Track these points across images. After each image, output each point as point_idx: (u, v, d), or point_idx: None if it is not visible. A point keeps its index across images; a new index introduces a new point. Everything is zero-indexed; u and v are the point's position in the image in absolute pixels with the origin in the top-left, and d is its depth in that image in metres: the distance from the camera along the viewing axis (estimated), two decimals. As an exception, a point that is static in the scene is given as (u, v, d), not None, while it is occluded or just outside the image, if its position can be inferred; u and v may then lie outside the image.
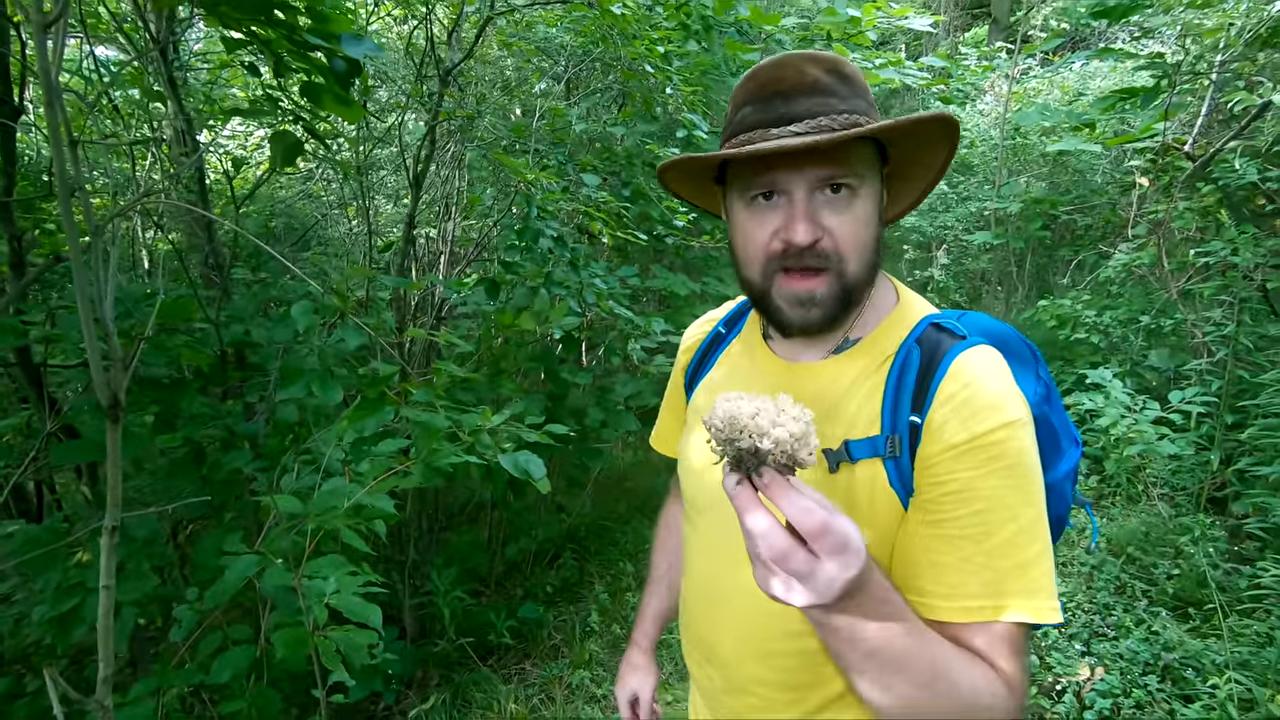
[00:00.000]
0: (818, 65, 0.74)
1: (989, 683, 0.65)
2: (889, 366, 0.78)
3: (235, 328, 2.18)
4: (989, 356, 0.75)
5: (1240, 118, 2.87)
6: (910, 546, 0.73)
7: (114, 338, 0.96)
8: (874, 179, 0.76)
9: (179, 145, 2.82)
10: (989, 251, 5.71)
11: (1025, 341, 0.85)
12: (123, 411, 0.95)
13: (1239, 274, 3.13)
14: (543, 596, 3.31)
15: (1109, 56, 4.66)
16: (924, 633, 0.64)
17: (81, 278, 0.90)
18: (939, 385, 0.73)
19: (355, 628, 1.10)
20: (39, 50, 0.82)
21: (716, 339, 0.99)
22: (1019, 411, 0.71)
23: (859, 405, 0.77)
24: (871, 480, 0.74)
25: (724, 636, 0.89)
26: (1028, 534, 0.69)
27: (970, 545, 0.69)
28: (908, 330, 0.79)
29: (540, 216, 2.08)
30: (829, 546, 0.54)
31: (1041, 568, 0.69)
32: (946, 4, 10.47)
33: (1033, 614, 0.67)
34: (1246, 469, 2.91)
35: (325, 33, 1.37)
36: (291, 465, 1.74)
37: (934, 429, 0.72)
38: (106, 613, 1.00)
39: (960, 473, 0.70)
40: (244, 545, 1.57)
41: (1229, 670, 2.17)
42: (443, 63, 2.71)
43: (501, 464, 1.20)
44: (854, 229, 0.73)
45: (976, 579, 0.68)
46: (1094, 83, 5.98)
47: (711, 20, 3.27)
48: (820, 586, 0.54)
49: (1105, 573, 2.88)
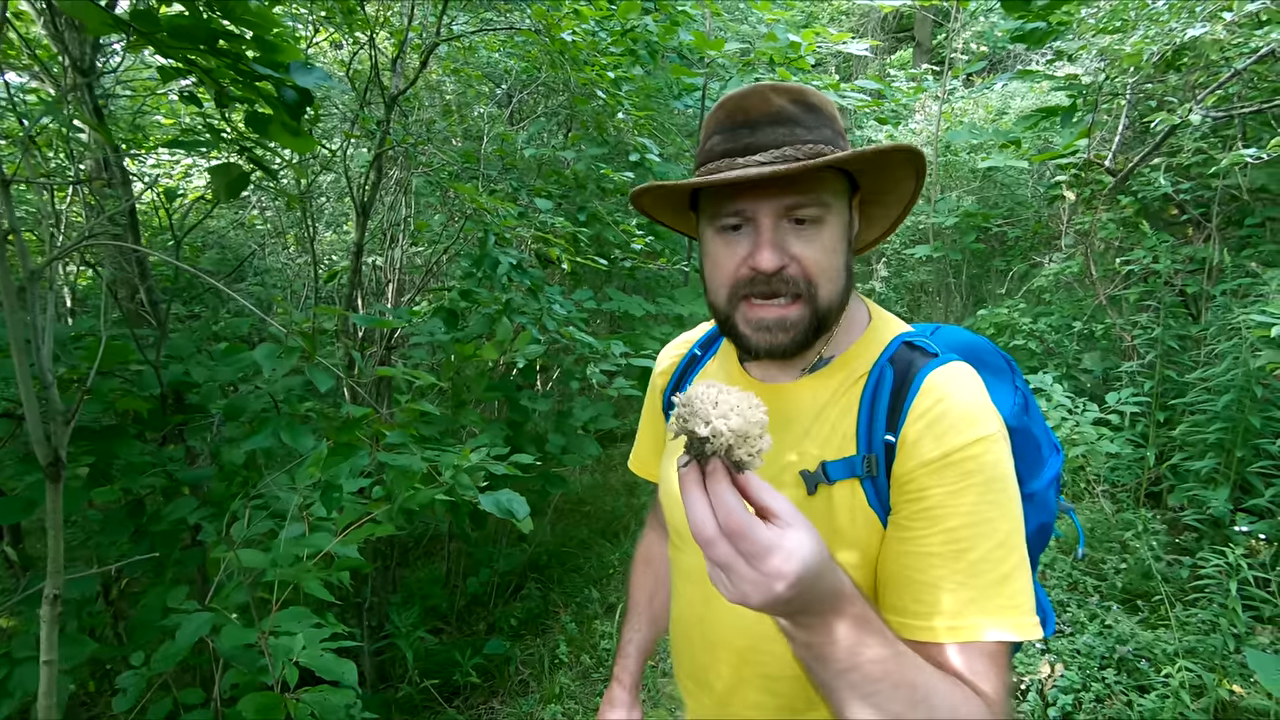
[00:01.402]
0: (784, 95, 0.75)
1: (969, 706, 0.64)
2: (862, 386, 0.78)
3: (174, 368, 2.06)
4: (961, 372, 0.76)
5: (1156, 135, 3.08)
6: (888, 565, 0.73)
7: (54, 390, 0.89)
8: (841, 207, 0.77)
9: (102, 175, 2.67)
10: (927, 264, 5.93)
11: (1000, 353, 0.86)
12: (63, 469, 0.88)
13: (1160, 280, 3.33)
14: (508, 630, 3.22)
15: (1028, 78, 4.94)
16: (902, 654, 0.62)
17: (16, 326, 0.83)
18: (912, 402, 0.73)
19: (329, 687, 1.04)
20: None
21: (692, 361, 0.99)
22: (992, 426, 0.71)
23: (833, 425, 0.78)
24: (850, 501, 0.75)
25: (717, 663, 0.88)
26: (1005, 548, 0.68)
27: (947, 562, 0.68)
28: (880, 349, 0.80)
29: (497, 244, 2.04)
30: (748, 550, 0.53)
31: (1019, 582, 0.68)
32: (873, 29, 10.94)
33: (1013, 630, 0.66)
34: (1179, 464, 3.07)
35: (273, 62, 1.32)
36: (242, 512, 1.64)
37: (907, 446, 0.72)
38: (49, 691, 0.92)
39: (934, 489, 0.70)
40: (192, 602, 1.47)
41: (1179, 659, 2.26)
42: (387, 90, 2.65)
43: (484, 505, 1.15)
44: (820, 256, 0.74)
45: (954, 597, 0.67)
46: (1015, 102, 6.32)
47: (656, 45, 3.32)
48: (745, 588, 0.54)
49: (1057, 570, 2.99)
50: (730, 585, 0.55)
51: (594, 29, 2.98)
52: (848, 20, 10.53)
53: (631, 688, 1.16)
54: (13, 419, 1.72)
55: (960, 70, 6.19)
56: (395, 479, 1.17)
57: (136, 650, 1.50)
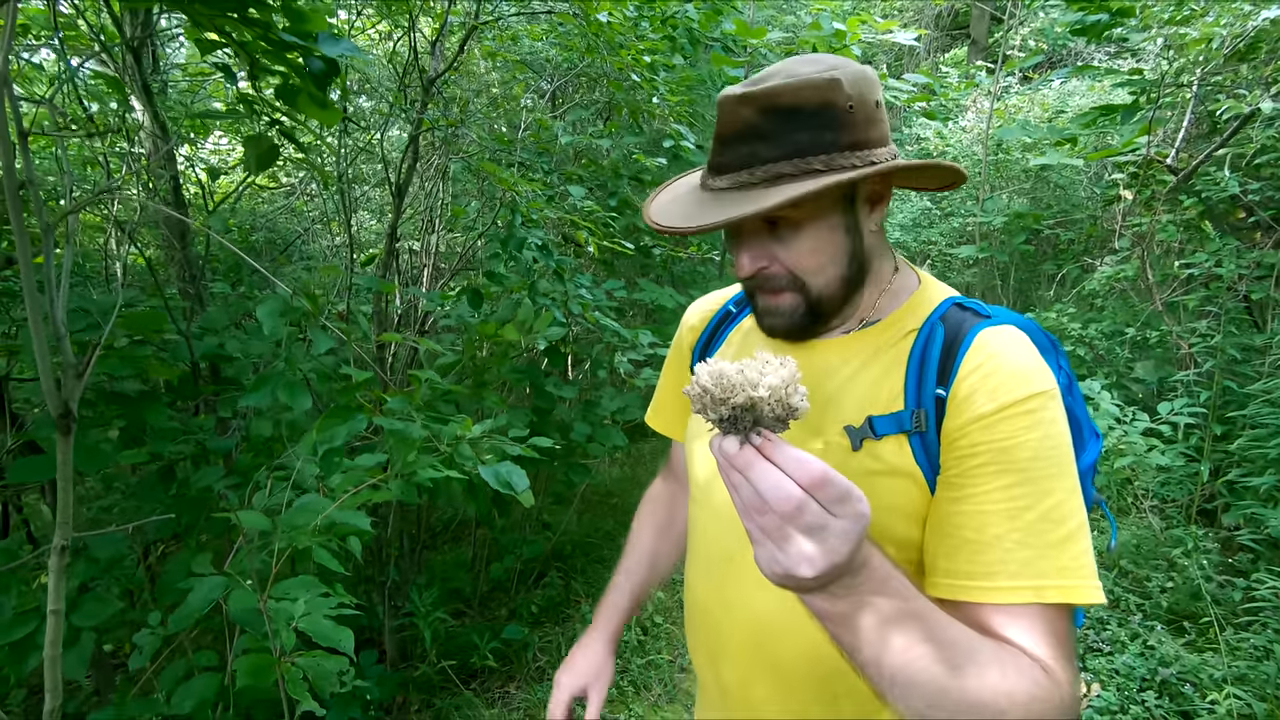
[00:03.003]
0: (750, 105, 0.71)
1: (1026, 671, 0.60)
2: (911, 342, 0.76)
3: (209, 340, 2.11)
4: (1014, 333, 0.74)
5: (1224, 129, 2.90)
6: (940, 525, 0.70)
7: (66, 342, 0.90)
8: (828, 204, 0.74)
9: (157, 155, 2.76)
10: (973, 266, 5.74)
11: (1044, 332, 0.82)
12: (74, 422, 0.89)
13: (1223, 285, 3.15)
14: (527, 617, 3.23)
15: (1087, 74, 4.73)
16: (937, 615, 0.60)
17: (29, 278, 0.84)
18: (964, 357, 0.71)
19: (325, 653, 1.03)
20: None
21: (726, 317, 0.98)
22: (1048, 383, 0.69)
23: (877, 381, 0.75)
24: (897, 457, 0.72)
25: (729, 656, 0.86)
26: (1064, 508, 0.65)
27: (1004, 521, 0.65)
28: (930, 309, 0.78)
29: (525, 224, 2.03)
30: (831, 496, 0.52)
31: (1081, 544, 0.65)
32: (926, 24, 10.66)
33: (1075, 594, 0.63)
34: (1236, 480, 2.90)
35: (301, 32, 1.33)
36: (265, 482, 1.66)
37: (960, 401, 0.69)
38: (54, 640, 0.93)
39: (990, 444, 0.67)
40: (213, 567, 1.49)
41: (1227, 685, 2.13)
42: (426, 73, 2.67)
43: (482, 475, 1.14)
44: (801, 255, 0.75)
45: (1013, 557, 0.64)
46: (1073, 100, 6.07)
47: (697, 34, 3.27)
48: (835, 542, 0.52)
49: (1098, 586, 2.86)
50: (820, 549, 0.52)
51: (635, 15, 2.95)
52: (901, 16, 10.27)
53: (610, 642, 1.05)
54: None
55: (1015, 64, 5.97)
56: (394, 445, 1.16)
57: (157, 611, 1.54)
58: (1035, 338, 0.81)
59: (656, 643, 2.99)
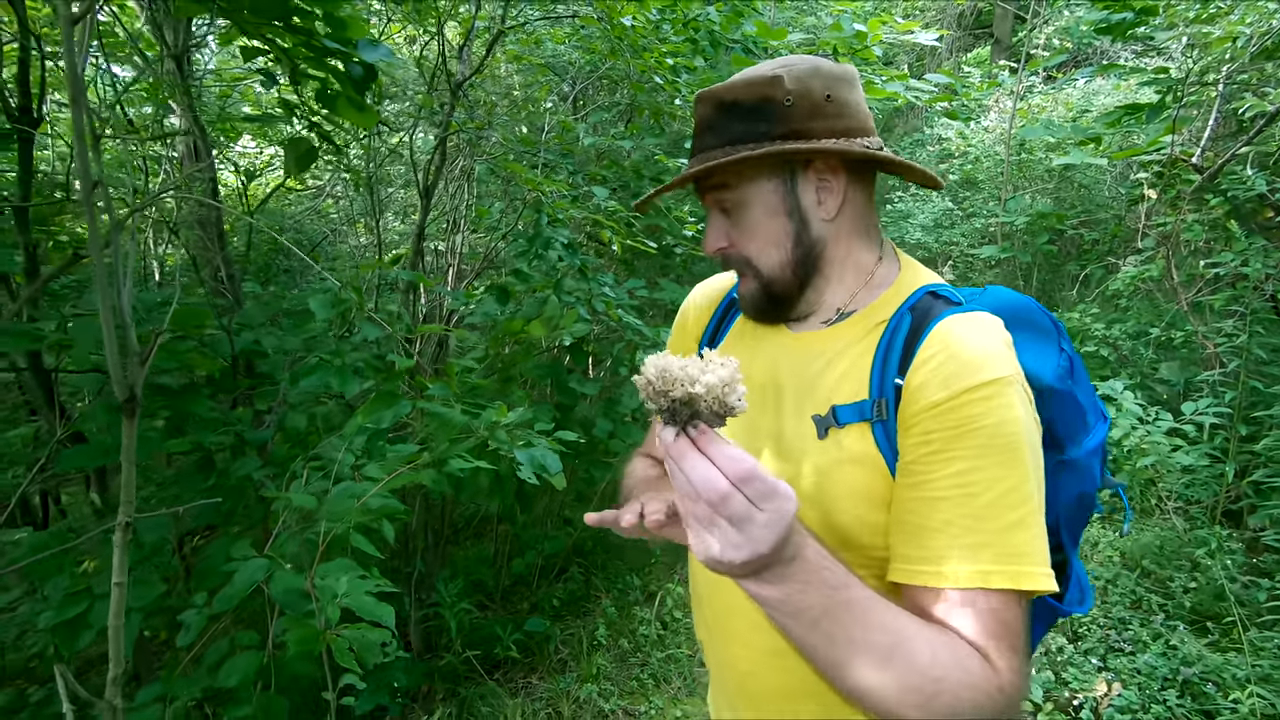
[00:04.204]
0: (708, 103, 0.81)
1: (961, 657, 0.61)
2: (881, 332, 0.78)
3: (245, 335, 2.19)
4: (980, 321, 0.74)
5: (1250, 127, 2.87)
6: (897, 512, 0.72)
7: (131, 331, 0.96)
8: (772, 187, 0.81)
9: (191, 161, 2.86)
10: (995, 266, 5.71)
11: (1047, 314, 0.83)
12: (138, 406, 0.95)
13: (1249, 285, 3.12)
14: (549, 611, 3.28)
15: (1112, 72, 4.69)
16: (872, 602, 0.62)
17: (101, 272, 0.90)
18: (920, 346, 0.73)
19: (367, 625, 1.09)
20: (65, 45, 0.83)
21: (732, 304, 1.00)
22: (1002, 370, 0.69)
23: (845, 371, 0.78)
24: (860, 445, 0.74)
25: (729, 642, 0.88)
26: (1016, 494, 0.66)
27: (954, 507, 0.66)
28: (903, 299, 0.80)
29: (551, 223, 2.08)
30: (758, 491, 0.54)
31: (1031, 530, 0.66)
32: (948, 24, 10.58)
33: (1022, 580, 0.64)
34: (1262, 481, 2.87)
35: (342, 39, 1.39)
36: (301, 472, 1.73)
37: (914, 389, 0.71)
38: (118, 612, 0.99)
39: (941, 432, 0.68)
40: (253, 551, 1.56)
41: (1251, 685, 2.12)
42: (453, 76, 2.74)
43: (518, 459, 1.19)
44: (743, 236, 0.83)
45: (960, 542, 0.65)
46: (1098, 99, 6.01)
47: (719, 36, 3.31)
48: (758, 532, 0.55)
49: (1120, 586, 2.84)
50: (744, 539, 0.55)
51: (657, 18, 2.99)
52: (923, 16, 10.20)
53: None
54: (102, 373, 1.86)
55: (1039, 63, 5.92)
56: (435, 429, 1.22)
57: (203, 593, 1.61)
58: (1034, 318, 0.82)
59: (676, 637, 3.03)
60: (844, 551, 0.69)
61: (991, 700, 0.61)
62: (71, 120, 0.83)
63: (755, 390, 0.85)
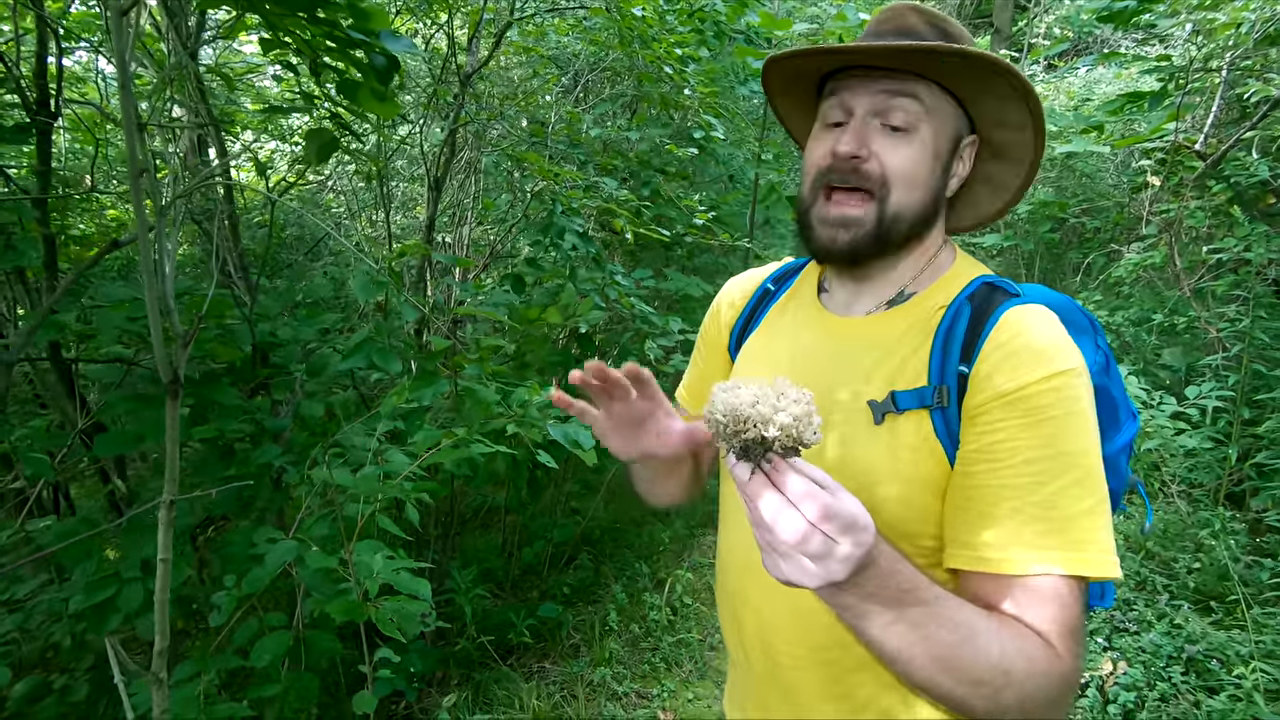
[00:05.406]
0: (919, 15, 0.78)
1: (1026, 645, 0.63)
2: (939, 319, 0.77)
3: (262, 326, 2.22)
4: (1041, 312, 0.75)
5: (1253, 113, 2.90)
6: (959, 500, 0.71)
7: (174, 315, 0.99)
8: (939, 125, 0.78)
9: (195, 155, 2.88)
10: (998, 255, 5.73)
11: (1084, 311, 0.84)
12: (181, 388, 0.98)
13: (1252, 270, 3.15)
14: (560, 597, 3.32)
15: (1114, 61, 4.70)
16: (943, 599, 0.63)
17: (146, 256, 0.93)
18: (988, 335, 0.72)
19: (407, 598, 1.12)
20: (114, 34, 0.85)
21: (765, 295, 0.98)
22: (1072, 362, 0.70)
23: (905, 357, 0.77)
24: (917, 432, 0.74)
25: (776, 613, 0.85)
26: (1083, 485, 0.67)
27: (1021, 495, 0.67)
28: (961, 287, 0.80)
29: (565, 213, 2.11)
30: (837, 528, 0.54)
31: (1098, 519, 0.66)
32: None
33: (1088, 567, 0.65)
34: (1265, 463, 2.91)
35: (366, 30, 1.41)
36: (321, 458, 1.76)
37: (981, 378, 0.71)
38: (164, 587, 1.02)
39: (1008, 421, 0.68)
40: (279, 532, 1.59)
41: (1254, 661, 2.16)
42: (462, 68, 2.75)
43: (553, 435, 1.22)
44: (901, 162, 0.76)
45: (1028, 530, 0.66)
46: (1100, 88, 6.03)
47: (724, 27, 3.32)
48: (835, 566, 0.55)
49: (1125, 568, 2.88)
50: (819, 570, 0.55)
51: (665, 8, 3.01)
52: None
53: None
54: (124, 363, 1.89)
55: (1040, 52, 5.93)
56: (471, 406, 1.25)
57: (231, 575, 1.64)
58: (1073, 316, 0.82)
59: (686, 622, 3.07)
60: (896, 541, 0.69)
61: (1055, 686, 0.63)
62: (120, 107, 0.86)
63: (799, 379, 0.82)
